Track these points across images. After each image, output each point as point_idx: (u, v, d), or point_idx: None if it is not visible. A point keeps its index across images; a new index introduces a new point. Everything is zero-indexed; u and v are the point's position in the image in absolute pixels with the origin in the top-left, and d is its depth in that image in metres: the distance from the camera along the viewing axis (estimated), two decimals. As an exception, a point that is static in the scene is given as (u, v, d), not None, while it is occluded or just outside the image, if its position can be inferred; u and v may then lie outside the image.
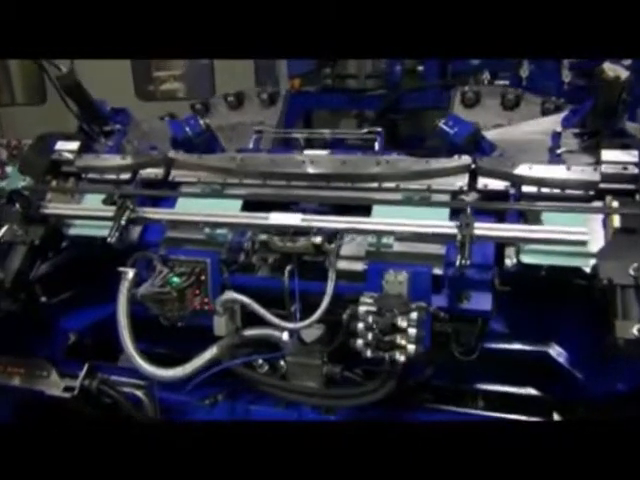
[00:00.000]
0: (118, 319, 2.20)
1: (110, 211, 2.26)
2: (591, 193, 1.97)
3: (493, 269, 1.97)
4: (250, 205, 2.25)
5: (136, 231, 2.31)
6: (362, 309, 1.89)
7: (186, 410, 2.36)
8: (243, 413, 2.31)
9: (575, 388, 2.10)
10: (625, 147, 1.97)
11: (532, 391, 2.26)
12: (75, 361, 2.53)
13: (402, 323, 1.84)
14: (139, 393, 2.32)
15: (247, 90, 3.16)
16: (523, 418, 2.18)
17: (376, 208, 2.11)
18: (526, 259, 1.91)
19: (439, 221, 1.96)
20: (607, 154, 1.97)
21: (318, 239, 2.00)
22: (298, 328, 2.06)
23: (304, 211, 2.13)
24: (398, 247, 2.02)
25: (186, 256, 2.17)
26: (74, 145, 2.51)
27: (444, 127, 2.14)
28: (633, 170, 1.92)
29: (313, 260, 2.10)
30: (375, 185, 2.18)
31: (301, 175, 2.25)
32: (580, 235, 1.84)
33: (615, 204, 1.90)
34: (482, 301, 1.97)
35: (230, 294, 2.09)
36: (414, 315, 1.85)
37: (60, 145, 2.52)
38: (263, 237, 2.09)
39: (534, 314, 2.12)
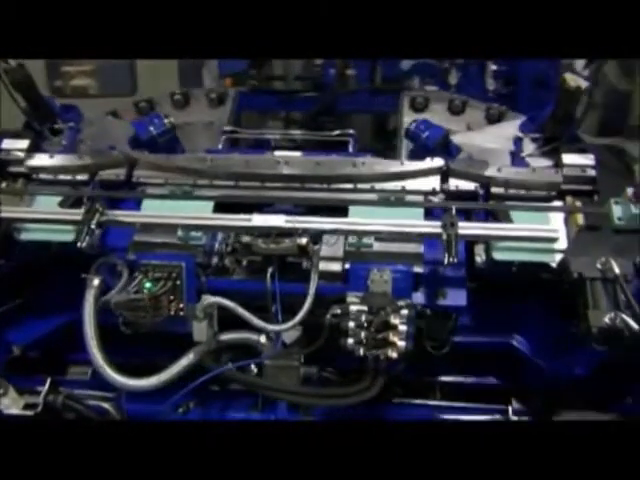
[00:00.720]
0: (85, 329, 2.09)
1: (72, 214, 2.12)
2: (553, 194, 2.14)
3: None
4: (221, 207, 2.20)
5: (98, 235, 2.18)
6: (353, 308, 1.92)
7: (157, 419, 2.26)
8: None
9: (537, 375, 2.26)
10: (582, 151, 2.16)
11: (493, 380, 2.39)
12: (19, 376, 2.36)
13: (394, 320, 1.89)
14: (106, 405, 2.20)
15: (194, 89, 3.07)
16: (482, 406, 2.31)
17: (353, 209, 2.15)
18: (498, 256, 2.03)
19: (425, 221, 2.04)
20: (567, 158, 2.15)
21: (304, 240, 2.01)
22: (283, 330, 2.05)
23: (280, 212, 2.12)
24: (377, 247, 2.07)
25: (160, 260, 2.08)
26: (23, 144, 2.32)
27: (416, 131, 2.22)
28: (591, 172, 2.11)
29: (291, 262, 2.10)
30: (350, 186, 2.22)
31: (275, 176, 2.24)
32: (552, 232, 1.99)
33: (578, 204, 2.08)
34: (458, 297, 2.06)
35: (213, 298, 2.03)
36: (405, 312, 1.91)
37: (7, 144, 2.32)
38: (247, 239, 2.06)
39: (498, 308, 2.24)
